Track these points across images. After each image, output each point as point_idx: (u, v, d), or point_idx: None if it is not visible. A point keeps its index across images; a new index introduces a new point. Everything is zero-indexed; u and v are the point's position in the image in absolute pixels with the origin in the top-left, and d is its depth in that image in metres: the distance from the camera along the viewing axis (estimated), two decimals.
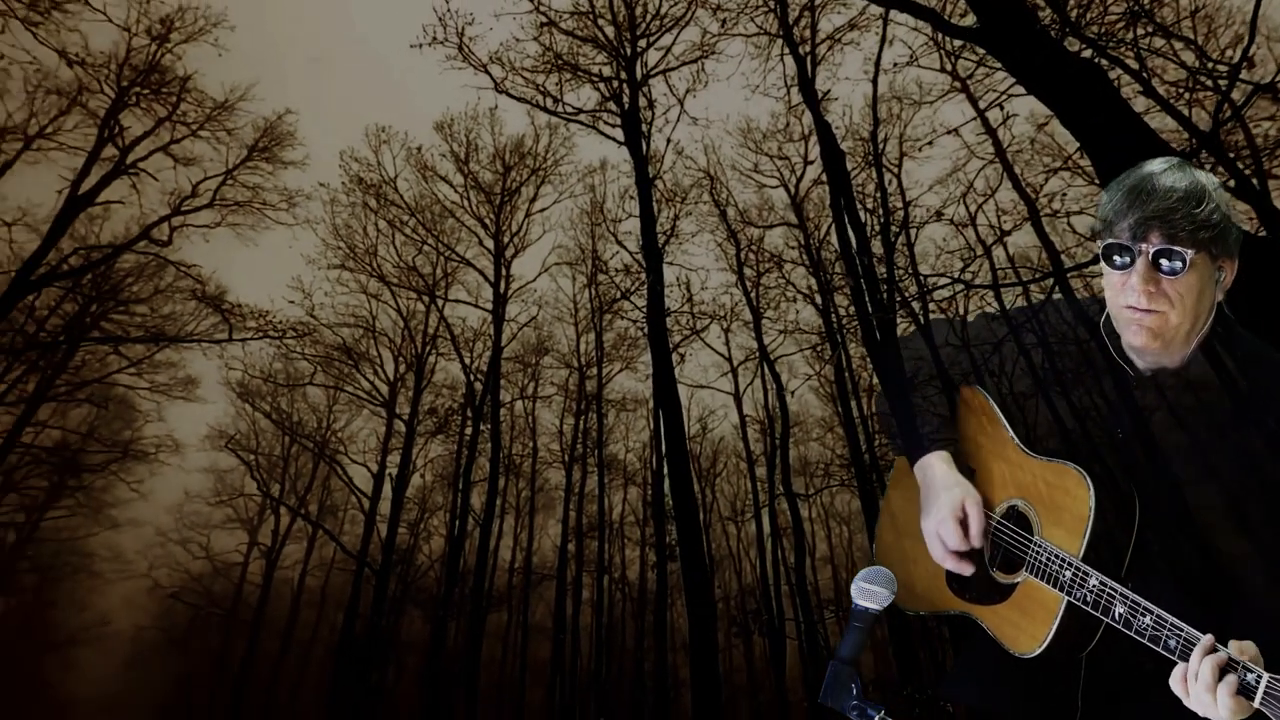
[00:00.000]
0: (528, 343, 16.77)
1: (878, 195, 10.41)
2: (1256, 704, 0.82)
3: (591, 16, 11.62)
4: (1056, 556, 1.03)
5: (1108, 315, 1.14)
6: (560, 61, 11.76)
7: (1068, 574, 1.01)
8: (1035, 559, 1.07)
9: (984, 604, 1.14)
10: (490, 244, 14.97)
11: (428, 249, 15.22)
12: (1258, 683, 0.81)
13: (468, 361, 15.35)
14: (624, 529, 17.78)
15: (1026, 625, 1.07)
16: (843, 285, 11.10)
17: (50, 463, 14.71)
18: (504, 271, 14.81)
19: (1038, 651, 1.04)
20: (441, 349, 15.82)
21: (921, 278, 10.01)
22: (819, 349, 12.57)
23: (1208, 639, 0.86)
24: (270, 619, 17.22)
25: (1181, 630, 0.89)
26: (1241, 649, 0.85)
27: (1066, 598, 1.01)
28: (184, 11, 11.73)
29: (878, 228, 10.96)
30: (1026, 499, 1.12)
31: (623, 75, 11.86)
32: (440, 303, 15.48)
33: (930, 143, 10.34)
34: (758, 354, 12.19)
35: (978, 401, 1.27)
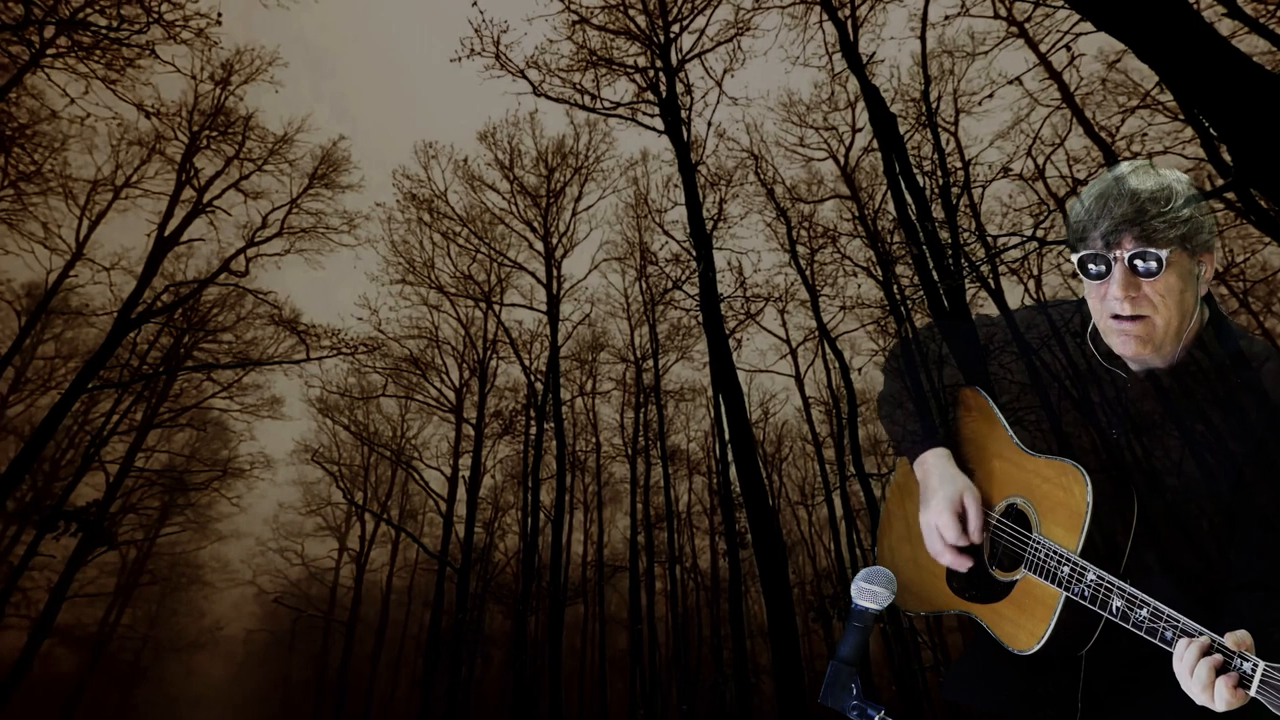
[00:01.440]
0: (583, 340, 17.01)
1: (934, 157, 9.94)
2: (1253, 693, 0.82)
3: (623, 8, 11.58)
4: (1055, 553, 1.04)
5: (1093, 324, 1.13)
6: (595, 58, 11.79)
7: (1066, 570, 1.01)
8: (1034, 556, 1.07)
9: (984, 603, 1.14)
10: (540, 246, 15.23)
11: (481, 257, 15.65)
12: (1253, 671, 0.82)
13: (527, 363, 15.71)
14: (692, 518, 17.81)
15: (1025, 622, 1.06)
16: (903, 255, 10.68)
17: (161, 484, 16.07)
18: (555, 272, 15.04)
19: (1037, 648, 1.04)
20: (501, 353, 16.26)
21: (989, 239, 9.51)
22: (882, 323, 12.15)
23: (1204, 639, 0.86)
24: (364, 618, 18.26)
25: (1178, 622, 0.89)
26: (1238, 640, 0.85)
27: (1065, 593, 1.01)
28: (241, 54, 12.46)
29: (937, 191, 10.49)
30: (1025, 497, 1.12)
31: (658, 63, 11.76)
32: (497, 308, 15.89)
33: (991, 94, 9.78)
34: (817, 333, 11.90)
35: (977, 401, 1.27)
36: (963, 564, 1.15)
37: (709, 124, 11.44)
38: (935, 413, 1.28)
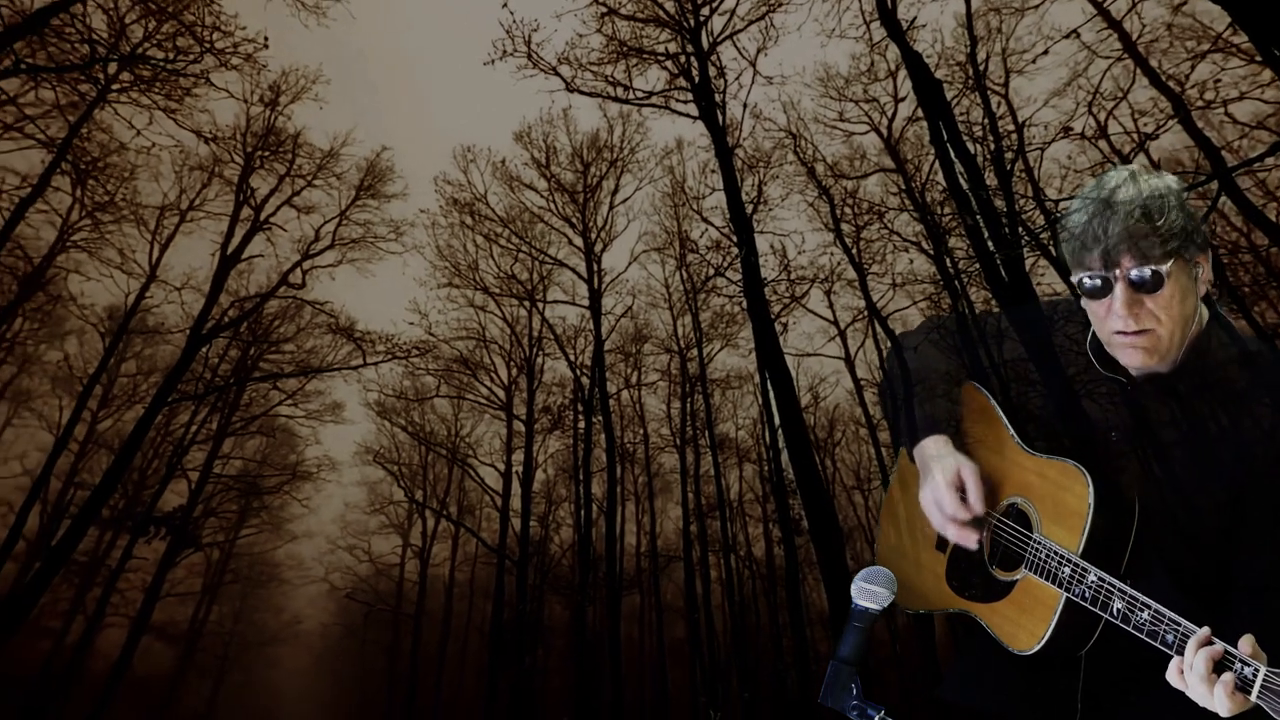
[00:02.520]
0: (626, 333, 17.07)
1: (984, 122, 9.49)
2: (1254, 698, 0.81)
3: None
4: (1055, 553, 1.03)
5: (1093, 332, 1.12)
6: (625, 48, 11.72)
7: (1066, 570, 1.01)
8: (1035, 556, 1.06)
9: (984, 602, 1.13)
10: (579, 242, 15.33)
11: (523, 256, 15.88)
12: (1255, 676, 0.81)
13: (572, 358, 15.89)
14: (744, 507, 17.71)
15: (1026, 622, 1.06)
16: (955, 226, 10.26)
17: (237, 488, 17.05)
18: (595, 267, 15.13)
19: (1037, 649, 1.03)
20: (547, 349, 16.49)
21: (1048, 203, 9.03)
22: (935, 298, 11.73)
23: (1203, 632, 0.86)
24: (429, 611, 18.95)
25: (1179, 625, 0.89)
26: (1249, 644, 0.84)
27: (1065, 594, 1.01)
28: (286, 75, 12.96)
29: (988, 157, 10.03)
30: (1026, 496, 1.12)
31: (688, 49, 11.60)
32: (540, 306, 16.11)
33: (1046, 51, 9.25)
34: (866, 312, 11.59)
35: (978, 400, 1.26)
36: (968, 538, 1.13)
37: (744, 106, 11.24)
38: (936, 403, 1.27)
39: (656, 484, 18.45)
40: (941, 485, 1.14)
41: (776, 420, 11.45)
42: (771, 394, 9.67)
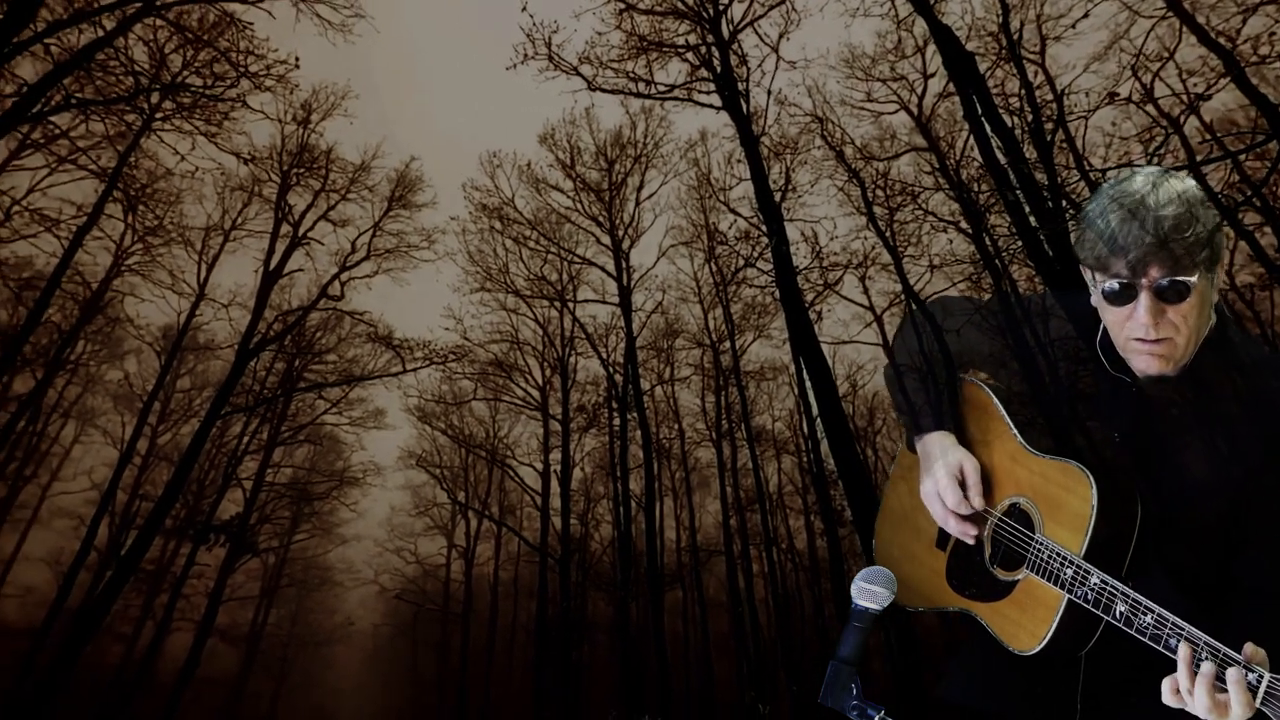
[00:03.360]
0: (658, 328, 17.06)
1: (1021, 93, 9.16)
2: (1257, 703, 0.81)
3: None
4: (1058, 554, 1.03)
5: (1103, 332, 1.12)
6: (645, 43, 11.68)
7: (1069, 572, 1.01)
8: (1036, 556, 1.06)
9: (984, 601, 1.13)
10: (607, 240, 15.38)
11: (552, 257, 16.01)
12: (1258, 683, 0.81)
13: (605, 356, 15.96)
14: (784, 499, 17.55)
15: (1026, 623, 1.06)
16: (994, 203, 9.95)
17: (289, 495, 17.67)
18: (624, 264, 15.15)
19: (1037, 649, 1.03)
20: (579, 349, 16.61)
21: (1094, 174, 8.68)
22: (975, 278, 11.37)
23: (1199, 642, 0.86)
24: (476, 610, 19.35)
25: (1183, 629, 0.88)
26: (1250, 653, 0.84)
27: (1067, 596, 1.00)
28: (317, 93, 13.33)
29: (1027, 129, 9.68)
30: (1029, 496, 1.11)
31: (709, 39, 11.49)
32: (571, 305, 16.23)
33: (1085, 14, 8.89)
34: (903, 296, 11.32)
35: (980, 398, 1.25)
36: (968, 531, 1.14)
37: (768, 93, 11.11)
38: (939, 398, 1.27)
39: (694, 479, 18.43)
40: (943, 478, 1.14)
41: (814, 410, 11.30)
42: (808, 384, 9.55)
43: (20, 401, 13.23)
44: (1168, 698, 0.88)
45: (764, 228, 10.92)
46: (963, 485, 1.15)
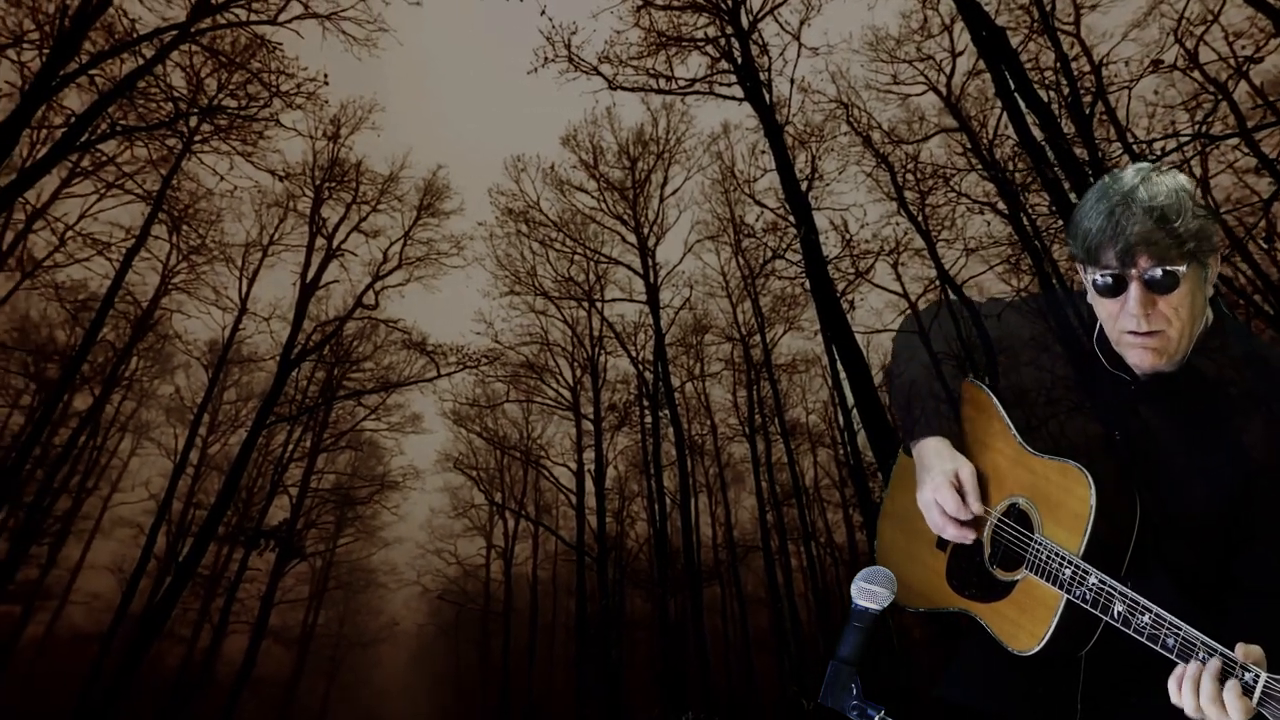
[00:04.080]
0: (686, 324, 17.01)
1: (1056, 66, 8.85)
2: (1254, 704, 0.81)
3: None
4: (1056, 554, 1.03)
5: (1100, 330, 1.12)
6: (664, 38, 11.62)
7: (1067, 572, 1.01)
8: (1035, 556, 1.07)
9: (983, 601, 1.14)
10: (633, 238, 15.39)
11: (578, 258, 16.09)
12: (1255, 683, 0.82)
13: (634, 354, 15.99)
14: (820, 493, 17.33)
15: (1026, 623, 1.06)
16: (1031, 182, 9.62)
17: (332, 500, 18.18)
18: (650, 261, 15.14)
19: (1037, 649, 1.04)
20: (609, 348, 16.66)
21: (1138, 146, 8.33)
22: (1014, 259, 11.02)
23: (1203, 655, 0.86)
24: (517, 609, 19.62)
25: (1180, 629, 0.89)
26: (1246, 651, 0.85)
27: (1066, 595, 1.01)
28: (345, 108, 13.65)
29: (1064, 104, 9.35)
30: (1028, 496, 1.12)
31: (728, 30, 11.38)
32: (599, 305, 16.29)
33: None
34: (938, 281, 11.04)
35: (980, 398, 1.26)
36: (966, 536, 1.15)
37: (791, 81, 10.88)
38: (937, 403, 1.27)
39: (728, 474, 18.34)
40: (941, 485, 1.15)
41: (850, 401, 11.11)
42: (843, 374, 9.39)
43: (81, 418, 13.89)
44: (1175, 696, 0.88)
45: (791, 218, 10.78)
46: (960, 492, 1.15)
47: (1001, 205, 10.26)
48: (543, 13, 10.68)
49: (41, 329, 14.46)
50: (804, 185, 11.14)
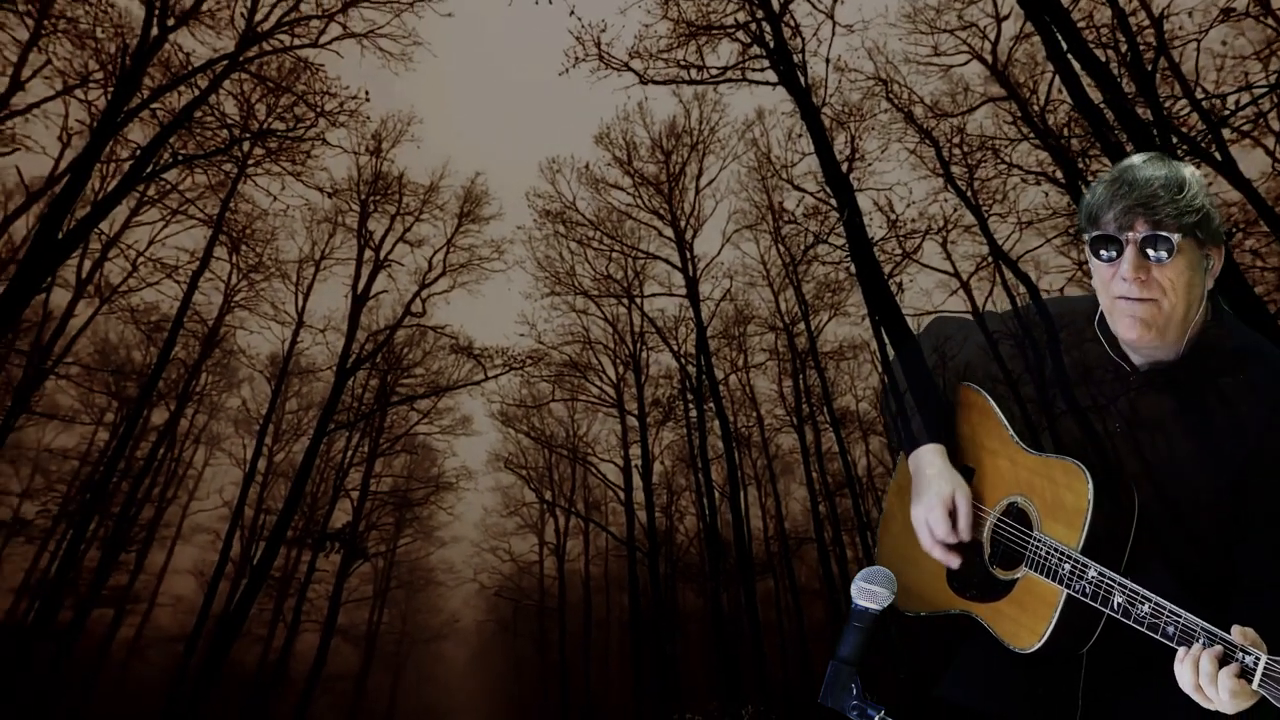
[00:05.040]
0: (727, 316, 16.87)
1: (1113, 21, 8.37)
2: (1255, 686, 0.81)
3: None
4: (1055, 550, 1.03)
5: (1101, 314, 1.14)
6: (693, 28, 11.51)
7: (1067, 567, 1.01)
8: (1034, 553, 1.06)
9: (984, 602, 1.13)
10: (670, 232, 15.34)
11: (616, 255, 16.15)
12: (1256, 664, 0.82)
13: (676, 348, 15.96)
14: (874, 481, 16.95)
15: (1027, 620, 1.06)
16: (1089, 148, 9.14)
17: (391, 503, 18.83)
18: (689, 254, 15.07)
19: (1038, 646, 1.03)
20: (650, 343, 16.69)
21: (1207, 100, 7.80)
22: (1073, 231, 10.48)
23: (1204, 640, 0.86)
24: (571, 604, 19.92)
25: (1180, 617, 0.89)
26: (1243, 633, 0.85)
27: (1066, 591, 1.01)
28: (385, 122, 14.06)
29: (1122, 62, 8.85)
30: (1026, 495, 1.12)
31: (759, 14, 11.17)
32: (639, 301, 16.32)
33: None
34: (991, 258, 10.61)
35: (977, 400, 1.27)
36: (952, 560, 1.15)
37: (826, 61, 10.59)
38: (933, 408, 1.27)
39: (777, 466, 18.13)
40: (935, 509, 1.15)
41: (903, 387, 10.80)
42: (896, 358, 9.14)
43: (158, 432, 14.79)
44: (1178, 675, 0.89)
45: (833, 201, 10.53)
46: (953, 516, 1.15)
47: (1058, 174, 9.78)
48: (571, 13, 10.73)
49: (120, 350, 15.45)
50: (845, 166, 10.87)
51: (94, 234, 11.33)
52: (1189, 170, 1.03)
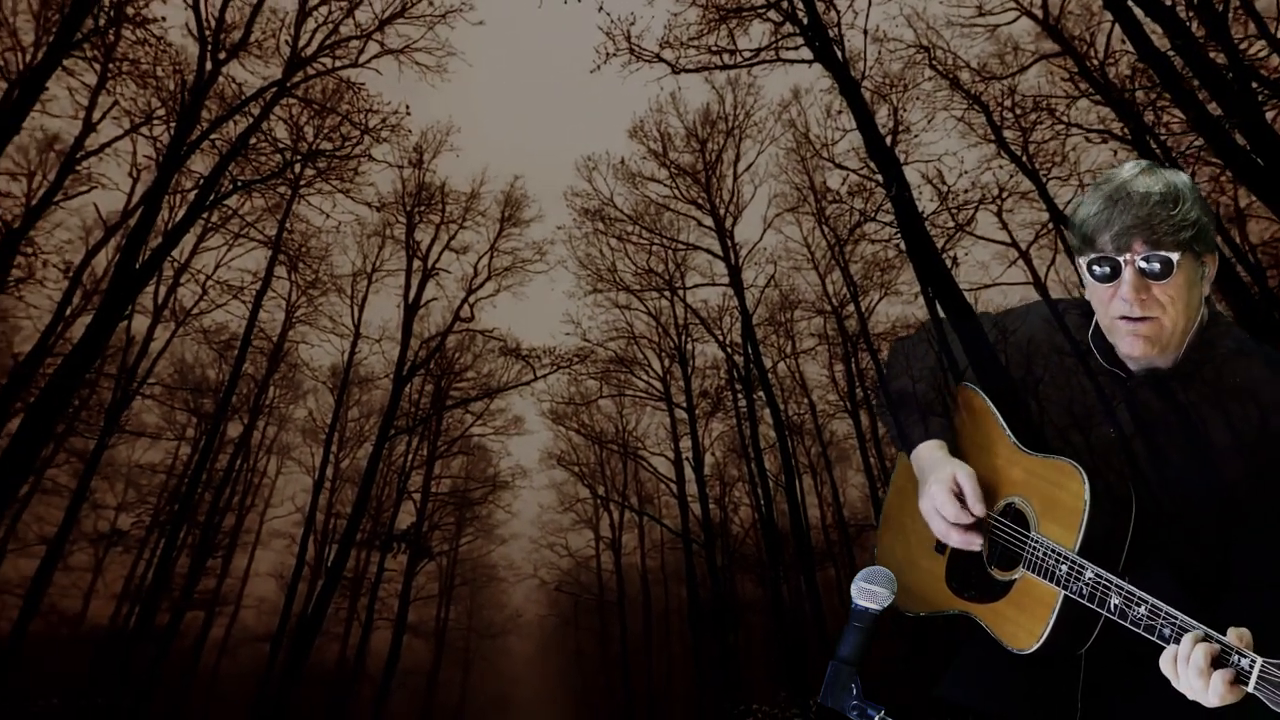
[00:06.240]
0: (772, 303, 16.60)
1: None
2: (1250, 688, 0.81)
3: None
4: (1053, 551, 1.04)
5: (1095, 324, 1.13)
6: (723, 12, 11.32)
7: (1064, 568, 1.02)
8: (1032, 555, 1.07)
9: (983, 602, 1.14)
10: (709, 221, 15.19)
11: (656, 248, 16.11)
12: (1251, 667, 0.81)
13: (721, 338, 15.82)
14: None
15: (1025, 621, 1.06)
16: (1155, 99, 8.56)
17: (451, 503, 19.42)
18: (730, 242, 14.89)
19: (1036, 647, 1.04)
20: (695, 334, 16.59)
21: None
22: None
23: (1199, 631, 0.86)
24: (630, 597, 20.11)
25: (1176, 618, 0.89)
26: (1239, 635, 0.85)
27: (1063, 592, 1.01)
28: (425, 134, 14.44)
29: (1191, 3, 8.27)
30: (1023, 496, 1.13)
31: None
32: (681, 292, 16.24)
33: None
34: (1051, 225, 10.05)
35: (975, 402, 1.28)
36: (971, 541, 1.13)
37: (864, 32, 10.25)
38: (934, 407, 1.28)
39: (831, 453, 17.77)
40: (940, 492, 1.15)
41: (962, 364, 10.38)
42: (955, 334, 8.79)
43: (235, 444, 15.68)
44: (1167, 670, 0.88)
45: (879, 177, 10.19)
46: (960, 496, 1.14)
47: (1123, 129, 9.17)
48: (600, 8, 10.72)
49: (196, 369, 16.42)
50: (889, 140, 10.50)
51: (166, 261, 12.07)
52: (1182, 179, 1.03)
